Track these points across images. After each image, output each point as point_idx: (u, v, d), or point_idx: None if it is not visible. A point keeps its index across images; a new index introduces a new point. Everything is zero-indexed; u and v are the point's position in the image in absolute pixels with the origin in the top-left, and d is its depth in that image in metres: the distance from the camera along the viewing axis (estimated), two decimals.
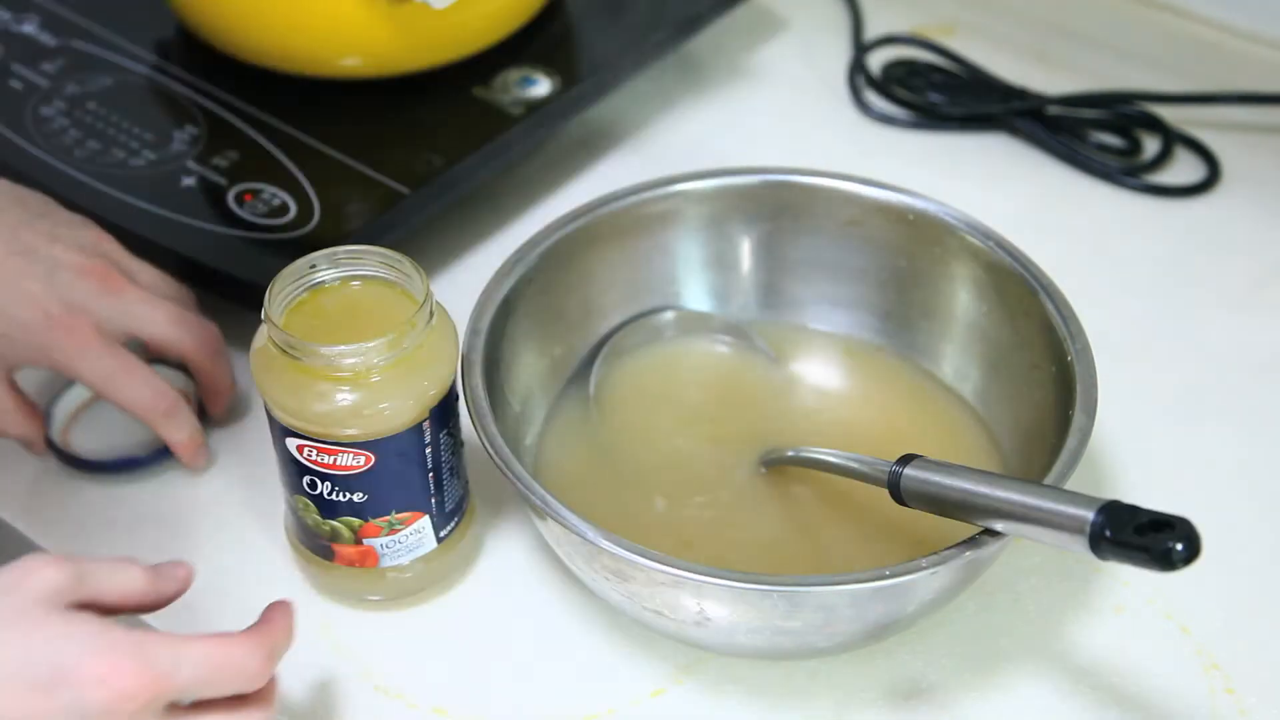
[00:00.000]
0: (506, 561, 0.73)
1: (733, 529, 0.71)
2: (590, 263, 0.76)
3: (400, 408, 0.64)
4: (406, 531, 0.68)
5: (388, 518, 0.67)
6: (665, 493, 0.73)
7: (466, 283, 0.75)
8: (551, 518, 0.63)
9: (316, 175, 0.83)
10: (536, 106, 0.88)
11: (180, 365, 0.77)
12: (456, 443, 0.68)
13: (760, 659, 0.69)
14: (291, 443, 0.65)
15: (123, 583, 0.58)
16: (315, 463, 0.65)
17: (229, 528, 0.74)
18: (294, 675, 0.68)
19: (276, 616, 0.60)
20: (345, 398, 0.63)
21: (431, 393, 0.65)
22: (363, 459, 0.65)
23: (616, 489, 0.73)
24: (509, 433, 0.69)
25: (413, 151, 0.85)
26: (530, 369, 0.75)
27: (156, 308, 0.74)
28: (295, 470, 0.66)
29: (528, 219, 0.89)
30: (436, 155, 0.85)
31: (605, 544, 0.62)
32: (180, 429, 0.74)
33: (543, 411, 0.76)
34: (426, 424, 0.65)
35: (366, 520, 0.67)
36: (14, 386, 0.74)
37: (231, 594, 0.70)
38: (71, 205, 0.77)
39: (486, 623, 0.71)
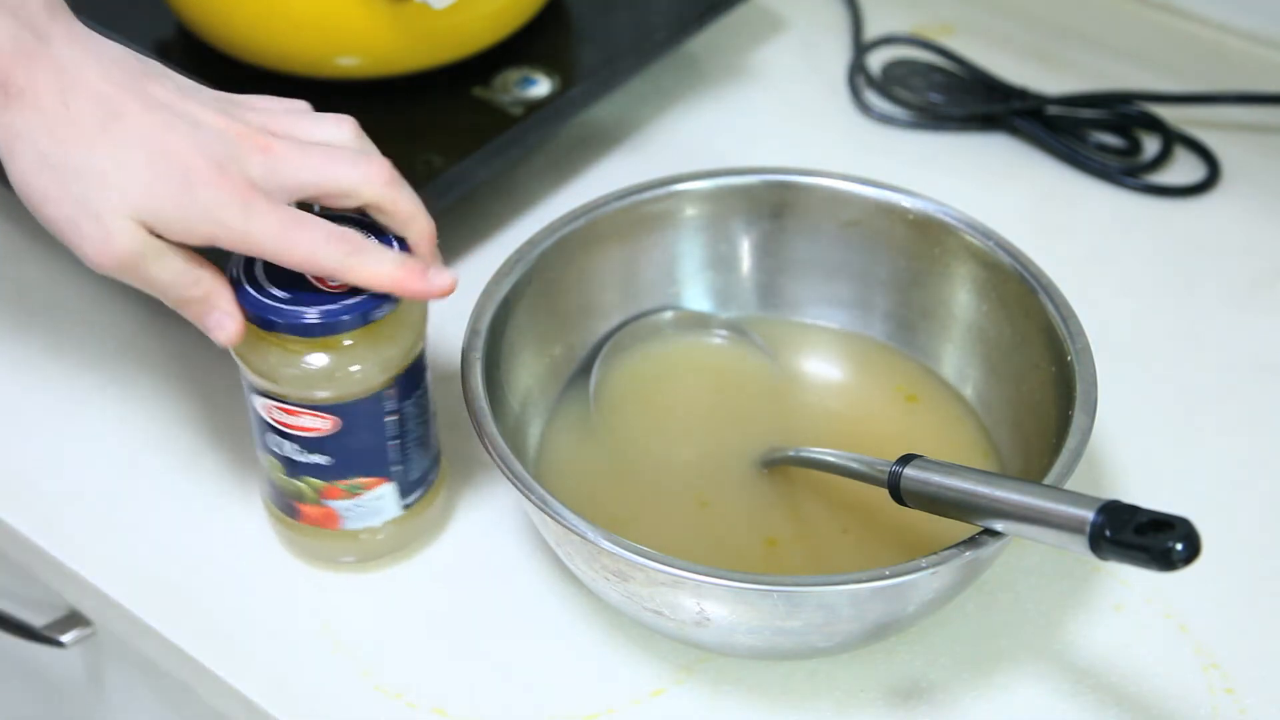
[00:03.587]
0: (506, 561, 0.73)
1: (733, 529, 0.71)
2: (590, 263, 0.76)
3: (369, 372, 0.65)
4: (368, 496, 0.68)
5: (349, 481, 0.68)
6: (665, 492, 0.73)
7: (466, 283, 0.75)
8: (551, 518, 0.63)
9: None
10: (536, 106, 0.87)
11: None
12: (424, 412, 0.69)
13: (760, 659, 0.69)
14: (259, 402, 0.66)
15: None
16: (280, 423, 0.66)
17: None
18: (294, 675, 0.68)
19: None
20: (315, 360, 0.64)
21: (398, 361, 0.65)
22: (327, 422, 0.65)
23: (616, 489, 0.73)
24: (509, 433, 0.69)
25: (413, 151, 0.84)
26: (530, 369, 0.75)
27: (309, 153, 0.63)
28: (263, 429, 0.67)
29: (528, 219, 0.89)
30: (436, 155, 0.84)
31: (605, 544, 0.62)
32: (380, 260, 0.63)
33: (543, 411, 0.76)
34: (391, 391, 0.66)
35: (328, 482, 0.68)
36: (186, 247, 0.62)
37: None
38: None
39: (486, 623, 0.71)
